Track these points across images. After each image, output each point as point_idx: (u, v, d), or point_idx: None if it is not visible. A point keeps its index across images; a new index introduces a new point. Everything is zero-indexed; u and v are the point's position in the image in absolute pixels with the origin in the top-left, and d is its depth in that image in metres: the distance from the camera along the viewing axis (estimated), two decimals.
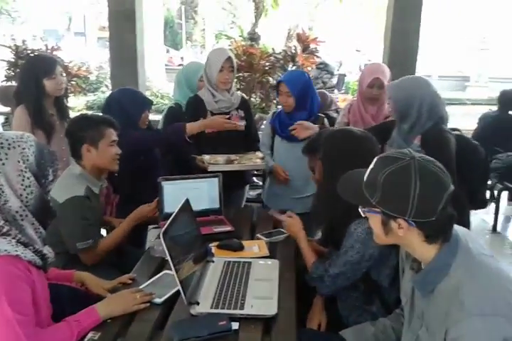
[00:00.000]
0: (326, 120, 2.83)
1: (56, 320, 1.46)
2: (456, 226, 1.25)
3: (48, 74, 2.64)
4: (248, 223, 2.39)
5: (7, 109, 4.97)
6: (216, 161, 2.57)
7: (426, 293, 1.25)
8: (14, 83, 5.39)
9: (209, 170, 2.49)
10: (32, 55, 4.92)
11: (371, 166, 1.25)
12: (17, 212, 1.34)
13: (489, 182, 4.30)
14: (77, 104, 7.95)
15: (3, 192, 1.32)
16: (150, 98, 3.01)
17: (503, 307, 1.12)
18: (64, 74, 2.81)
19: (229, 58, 2.70)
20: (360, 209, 1.30)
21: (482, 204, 2.49)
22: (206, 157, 2.62)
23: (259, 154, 2.73)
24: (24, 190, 1.35)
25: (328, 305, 1.84)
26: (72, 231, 2.00)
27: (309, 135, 2.55)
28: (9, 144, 1.35)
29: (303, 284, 1.80)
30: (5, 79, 5.43)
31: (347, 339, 1.53)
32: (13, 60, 5.43)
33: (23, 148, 1.37)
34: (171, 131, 2.64)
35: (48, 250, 1.42)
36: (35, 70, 2.65)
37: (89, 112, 2.49)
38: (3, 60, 5.46)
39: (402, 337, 1.42)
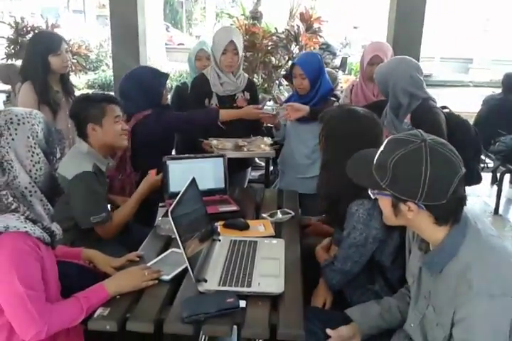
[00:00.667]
0: (336, 103, 2.82)
1: (64, 297, 1.48)
2: (465, 208, 1.26)
3: (54, 51, 2.63)
4: (253, 203, 2.40)
5: (8, 87, 4.93)
6: (224, 146, 2.57)
7: (434, 273, 1.26)
8: (14, 61, 5.34)
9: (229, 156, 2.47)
10: (37, 31, 4.84)
11: (381, 148, 1.25)
12: (26, 188, 1.34)
13: (492, 165, 4.32)
14: (78, 83, 7.88)
15: (12, 167, 1.32)
16: None
17: None
18: (69, 52, 2.79)
19: (232, 41, 2.65)
20: (369, 191, 1.30)
21: (477, 180, 2.50)
22: (214, 142, 2.62)
23: (267, 140, 2.72)
24: (33, 165, 1.36)
25: None
26: (84, 206, 2.00)
27: (301, 115, 2.57)
28: (18, 120, 1.35)
29: (308, 263, 1.82)
30: (5, 56, 5.37)
31: (352, 317, 1.55)
32: (12, 37, 5.36)
33: (32, 124, 1.37)
34: (205, 115, 2.64)
35: (56, 227, 1.43)
36: (41, 47, 2.64)
37: (91, 91, 2.47)
38: (3, 37, 5.39)
39: (408, 316, 1.44)
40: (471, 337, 1.15)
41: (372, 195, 1.30)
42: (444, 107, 2.46)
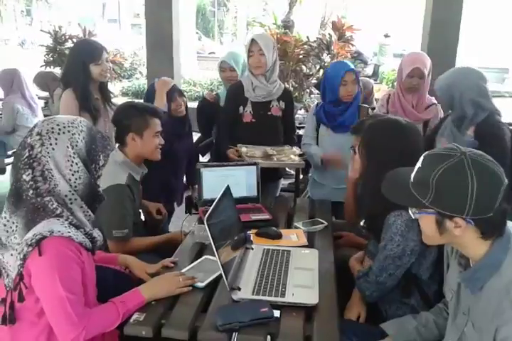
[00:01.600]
0: (370, 110, 2.79)
1: (100, 301, 1.50)
2: (507, 222, 1.22)
3: (95, 60, 2.69)
4: (285, 212, 2.39)
5: (46, 94, 5.07)
6: (253, 154, 2.57)
7: (474, 290, 1.22)
8: (52, 68, 5.51)
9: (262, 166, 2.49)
10: (79, 40, 4.98)
11: (419, 165, 1.22)
12: (66, 195, 1.37)
13: None
14: (113, 90, 8.06)
15: (52, 175, 1.35)
16: (183, 85, 3.10)
17: None
18: (109, 61, 2.86)
19: (253, 40, 2.69)
20: (410, 211, 1.27)
21: None
22: (243, 149, 2.62)
23: (296, 150, 2.71)
24: (72, 175, 1.38)
25: None
26: (110, 219, 2.02)
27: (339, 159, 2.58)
28: (59, 129, 1.38)
29: (340, 276, 1.80)
30: (44, 64, 5.54)
31: (388, 332, 1.52)
32: (51, 46, 5.53)
33: (73, 134, 1.39)
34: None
35: (97, 233, 1.45)
36: (83, 56, 2.70)
37: (136, 100, 2.52)
38: (43, 46, 5.56)
39: (446, 333, 1.40)
40: None
41: (412, 215, 1.26)
42: (510, 124, 2.41)
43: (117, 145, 2.20)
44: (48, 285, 1.30)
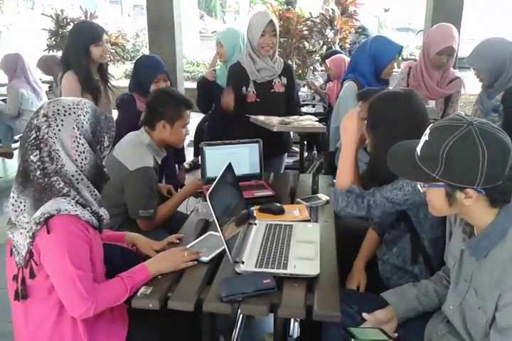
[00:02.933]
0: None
1: (108, 278, 1.54)
2: None
3: (96, 41, 2.71)
4: (287, 188, 2.42)
5: (50, 78, 5.09)
6: (271, 122, 2.58)
7: (479, 257, 1.24)
8: (56, 52, 5.51)
9: (275, 130, 2.53)
10: (78, 22, 4.97)
11: (425, 138, 1.21)
12: (73, 175, 1.41)
13: None
14: (116, 72, 8.05)
15: (59, 156, 1.39)
16: (186, 66, 3.11)
17: None
18: (109, 42, 2.87)
19: (271, 21, 2.66)
20: (419, 186, 1.27)
21: None
22: (261, 117, 2.63)
23: (312, 117, 2.74)
24: (79, 155, 1.42)
25: (367, 268, 1.87)
26: (137, 199, 2.11)
27: None
28: (65, 111, 1.41)
29: (343, 247, 1.83)
30: (47, 48, 5.54)
31: (388, 300, 1.56)
32: (54, 29, 5.52)
33: (78, 115, 1.42)
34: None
35: (103, 212, 1.49)
36: (83, 37, 2.72)
37: (169, 88, 2.50)
38: (45, 29, 5.56)
39: (447, 299, 1.43)
40: None
41: (421, 189, 1.27)
42: None
43: (143, 127, 2.26)
44: (57, 262, 1.34)
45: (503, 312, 1.17)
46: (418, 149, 1.23)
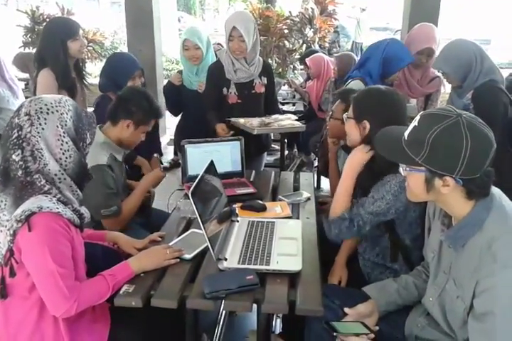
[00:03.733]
0: None
1: (90, 277, 1.52)
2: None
3: (73, 36, 2.66)
4: (269, 185, 2.44)
5: (26, 76, 5.00)
6: (251, 125, 2.59)
7: (457, 247, 1.28)
8: (32, 49, 5.41)
9: (255, 133, 2.54)
10: (52, 18, 4.90)
11: (415, 123, 1.25)
12: (56, 175, 1.39)
13: None
14: (94, 70, 7.96)
15: (42, 155, 1.37)
16: (165, 63, 3.06)
17: None
18: (84, 37, 2.83)
19: (234, 28, 2.60)
20: (400, 168, 1.31)
21: None
22: (241, 120, 2.63)
23: (291, 116, 2.74)
24: (63, 154, 1.40)
25: (348, 263, 1.90)
26: (95, 199, 2.01)
27: None
28: (48, 109, 1.39)
29: (324, 244, 1.85)
30: (22, 45, 5.44)
31: (370, 294, 1.59)
32: (29, 26, 5.43)
33: (61, 113, 1.40)
34: None
35: (84, 210, 1.48)
36: (60, 32, 2.66)
37: (146, 91, 2.40)
38: (20, 26, 5.45)
39: (427, 291, 1.47)
40: (493, 308, 1.17)
41: (402, 172, 1.30)
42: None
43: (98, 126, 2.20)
44: (38, 260, 1.33)
45: (480, 298, 1.20)
46: (406, 133, 1.27)
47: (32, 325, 1.41)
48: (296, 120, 2.79)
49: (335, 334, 1.39)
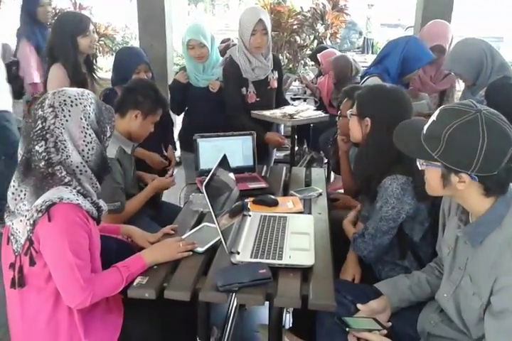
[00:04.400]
0: None
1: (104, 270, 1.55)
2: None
3: (83, 31, 2.66)
4: (280, 181, 2.44)
5: None
6: (276, 117, 2.63)
7: (475, 243, 1.27)
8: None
9: (289, 124, 2.60)
10: (63, 12, 4.91)
11: (433, 118, 1.24)
12: (77, 167, 1.41)
13: None
14: (105, 65, 8.00)
15: (65, 147, 1.38)
16: (176, 58, 3.02)
17: None
18: (95, 33, 2.84)
19: (260, 20, 2.59)
20: (418, 162, 1.30)
21: None
22: (265, 113, 2.66)
23: (310, 107, 2.83)
24: (86, 145, 1.42)
25: (360, 260, 1.89)
26: (102, 192, 2.02)
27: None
28: (71, 101, 1.40)
29: (336, 238, 1.85)
30: None
31: (382, 291, 1.58)
32: None
33: (85, 106, 1.42)
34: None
35: (102, 203, 1.49)
36: (70, 28, 2.67)
37: (152, 83, 2.40)
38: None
39: (441, 287, 1.46)
40: (510, 306, 1.17)
41: (420, 166, 1.29)
42: None
43: None
44: (56, 250, 1.34)
45: (499, 295, 1.20)
46: (425, 128, 1.26)
47: (47, 315, 1.42)
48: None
49: (347, 329, 1.39)
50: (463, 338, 1.35)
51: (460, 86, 2.96)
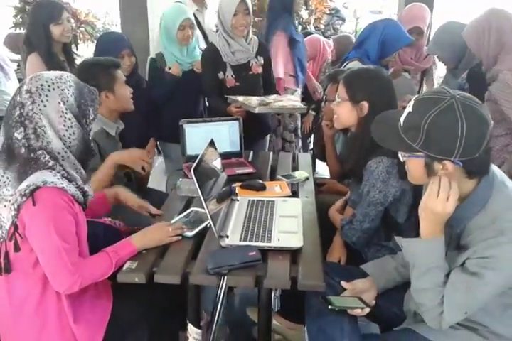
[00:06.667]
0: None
1: (91, 255, 1.53)
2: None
3: (55, 19, 2.63)
4: (267, 166, 2.44)
5: (17, 56, 4.91)
6: (251, 103, 2.52)
7: (461, 226, 1.28)
8: (23, 30, 5.31)
9: (257, 111, 2.46)
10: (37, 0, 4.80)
11: (409, 109, 1.24)
12: (59, 153, 1.39)
13: None
14: (86, 52, 7.86)
15: (45, 133, 1.36)
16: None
17: None
18: (71, 21, 2.78)
19: (241, 0, 2.54)
20: (399, 155, 1.30)
21: None
22: (240, 98, 2.57)
23: (292, 97, 2.70)
24: (66, 130, 1.39)
25: (346, 242, 1.91)
26: None
27: None
28: (48, 86, 1.37)
29: (323, 221, 1.87)
30: (13, 25, 5.34)
31: (368, 272, 1.61)
32: (19, 6, 5.32)
33: (62, 89, 1.39)
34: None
35: (88, 188, 1.47)
36: (42, 16, 2.64)
37: (89, 58, 2.40)
38: (11, 6, 5.34)
39: None
40: (486, 272, 1.19)
41: (401, 158, 1.29)
42: None
43: None
44: (42, 235, 1.33)
45: (479, 260, 1.21)
46: (402, 119, 1.26)
47: (35, 301, 1.41)
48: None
49: (330, 307, 1.41)
50: None
51: (437, 71, 3.02)
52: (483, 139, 1.17)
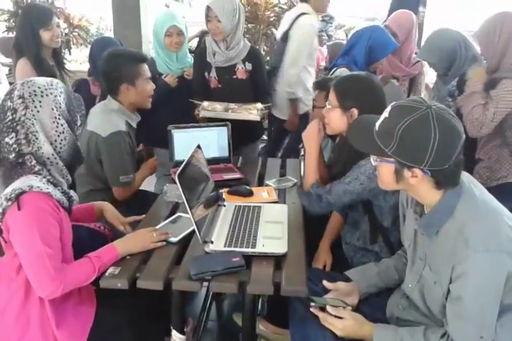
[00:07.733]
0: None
1: (76, 259, 1.53)
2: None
3: (45, 25, 2.63)
4: (255, 171, 2.44)
5: (9, 60, 4.92)
6: (213, 108, 2.53)
7: (431, 235, 1.30)
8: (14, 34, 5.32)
9: (200, 115, 2.49)
10: (27, 5, 4.80)
11: (385, 114, 1.25)
12: (48, 158, 1.40)
13: None
14: (79, 57, 7.86)
15: (37, 138, 1.37)
16: (152, 50, 2.97)
17: (506, 243, 1.18)
18: (61, 26, 2.79)
19: (208, 7, 2.59)
20: (372, 158, 1.32)
21: None
22: (205, 103, 2.59)
23: (258, 105, 2.61)
24: (58, 136, 1.41)
25: (332, 249, 1.93)
26: (117, 164, 2.11)
27: None
28: (42, 92, 1.38)
29: (309, 228, 1.87)
30: (6, 30, 5.34)
31: (351, 277, 1.62)
32: (13, 10, 5.33)
33: (55, 95, 1.41)
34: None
35: (73, 193, 1.48)
36: (32, 22, 2.63)
37: (115, 49, 2.40)
38: (3, 10, 5.35)
39: (406, 278, 1.50)
40: (464, 292, 1.20)
41: (373, 162, 1.31)
42: None
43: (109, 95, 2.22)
44: (26, 239, 1.33)
45: (455, 283, 1.23)
46: (377, 124, 1.28)
47: (18, 306, 1.41)
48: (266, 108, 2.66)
49: (312, 304, 1.42)
50: (429, 322, 1.39)
51: (425, 77, 3.05)
52: (454, 151, 1.19)
